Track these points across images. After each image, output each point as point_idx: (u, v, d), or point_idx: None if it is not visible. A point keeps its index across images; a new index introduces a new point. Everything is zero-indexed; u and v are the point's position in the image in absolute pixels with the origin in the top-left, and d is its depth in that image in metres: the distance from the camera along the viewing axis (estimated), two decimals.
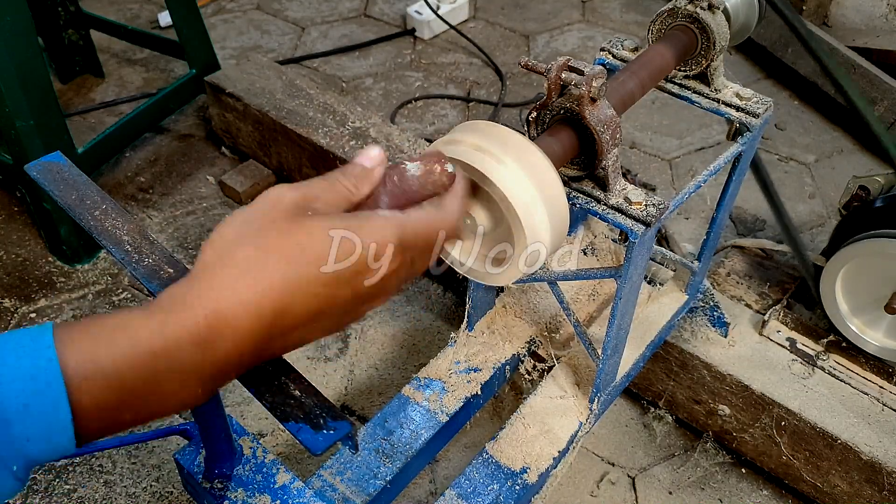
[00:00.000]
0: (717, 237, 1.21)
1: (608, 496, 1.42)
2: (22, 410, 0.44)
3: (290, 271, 0.52)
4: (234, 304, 0.50)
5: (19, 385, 0.44)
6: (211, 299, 0.50)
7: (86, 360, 0.46)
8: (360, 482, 1.07)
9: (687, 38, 0.99)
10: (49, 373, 0.45)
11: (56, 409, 0.45)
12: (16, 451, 0.45)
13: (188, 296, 0.50)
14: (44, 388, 0.45)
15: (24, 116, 1.56)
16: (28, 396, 0.44)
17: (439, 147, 0.76)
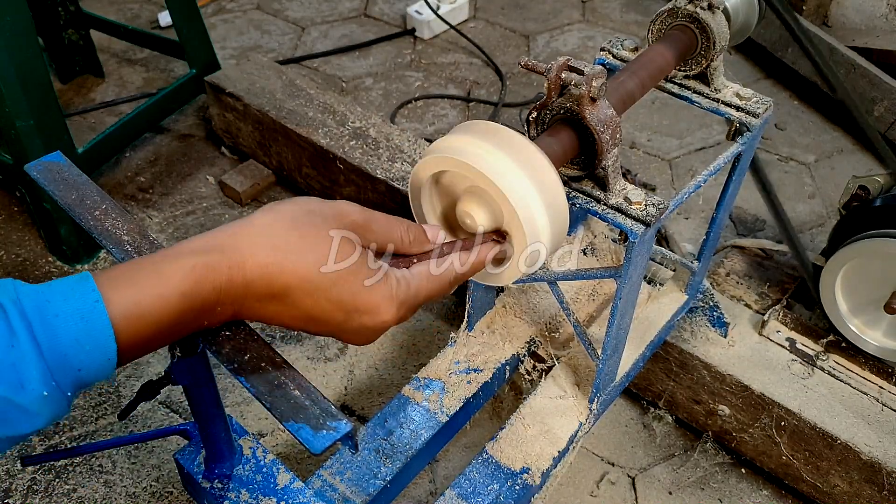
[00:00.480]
0: (716, 237, 1.21)
1: (608, 496, 1.42)
2: (75, 345, 0.53)
3: (312, 269, 0.60)
4: (255, 266, 0.59)
5: (72, 324, 0.53)
6: (240, 254, 0.59)
7: (128, 302, 0.55)
8: (360, 482, 1.07)
9: (687, 38, 0.99)
10: (96, 313, 0.53)
11: (105, 345, 0.54)
12: (70, 379, 0.53)
13: (222, 243, 0.59)
14: (93, 326, 0.53)
15: (24, 116, 1.56)
16: (80, 333, 0.53)
17: (439, 147, 0.76)
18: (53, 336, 0.52)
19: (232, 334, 0.69)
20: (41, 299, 0.53)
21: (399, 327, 1.68)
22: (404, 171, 1.70)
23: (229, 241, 0.60)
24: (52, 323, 0.52)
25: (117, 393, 1.55)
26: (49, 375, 0.52)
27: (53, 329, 0.52)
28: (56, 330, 0.52)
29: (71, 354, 0.53)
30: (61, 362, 0.52)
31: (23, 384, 0.51)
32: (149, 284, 0.56)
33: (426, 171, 0.77)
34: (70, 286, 0.54)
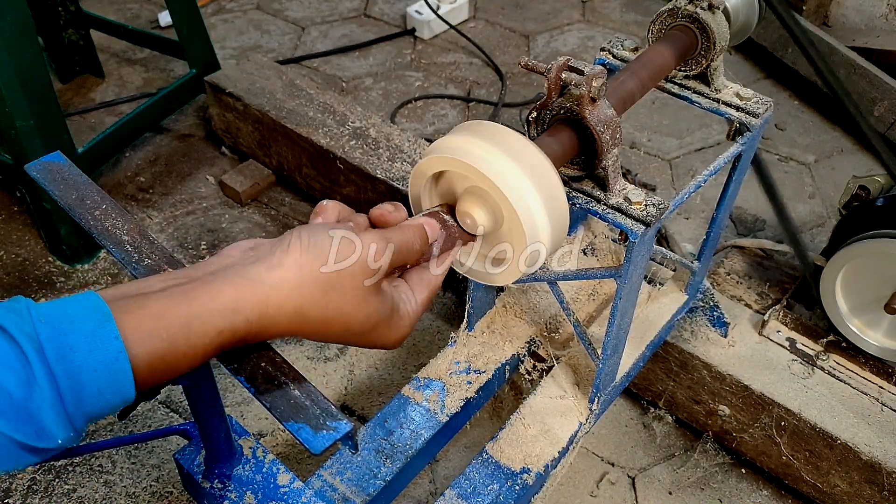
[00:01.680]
0: (717, 237, 1.21)
1: (608, 496, 1.42)
2: (97, 395, 0.52)
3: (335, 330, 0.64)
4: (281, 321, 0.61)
5: (95, 376, 0.52)
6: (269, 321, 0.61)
7: (152, 357, 0.55)
8: (360, 482, 1.07)
9: (687, 38, 0.99)
10: (119, 365, 0.52)
11: (125, 392, 0.54)
12: (85, 422, 0.53)
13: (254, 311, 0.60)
14: (117, 379, 0.53)
15: (24, 116, 1.56)
16: (103, 385, 0.52)
17: (439, 146, 0.76)
18: (76, 387, 0.51)
19: None
20: (63, 344, 0.51)
21: None
22: (404, 171, 1.70)
23: (258, 308, 0.60)
24: (76, 374, 0.51)
25: None
26: (68, 424, 0.52)
27: (77, 380, 0.51)
28: (80, 381, 0.51)
29: (91, 403, 0.52)
30: (81, 410, 0.52)
31: (40, 433, 0.50)
32: (175, 342, 0.56)
33: (426, 171, 0.77)
34: (93, 331, 0.52)
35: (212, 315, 0.57)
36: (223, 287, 0.59)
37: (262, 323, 0.60)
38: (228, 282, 0.59)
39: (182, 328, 0.56)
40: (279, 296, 0.60)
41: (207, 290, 0.58)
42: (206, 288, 0.58)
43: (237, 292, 0.59)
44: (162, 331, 0.55)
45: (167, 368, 0.56)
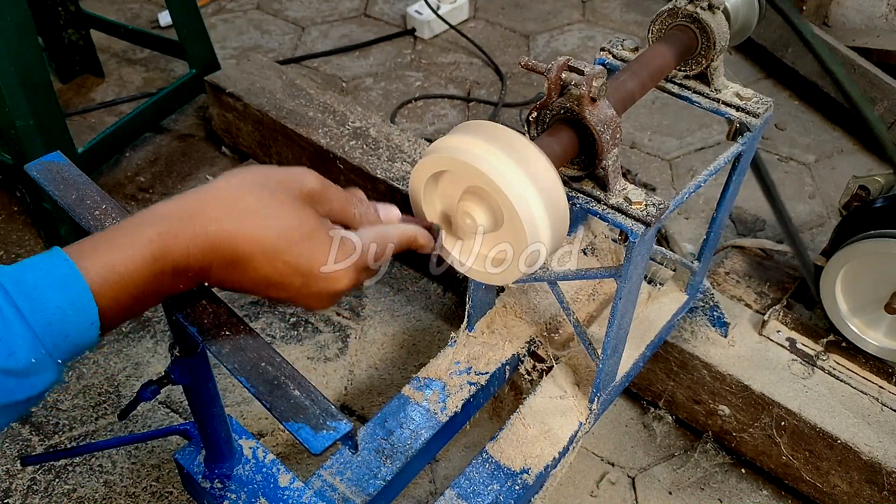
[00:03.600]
0: (717, 237, 1.21)
1: (608, 496, 1.42)
2: (58, 312, 0.55)
3: (269, 234, 0.63)
4: (218, 232, 0.62)
5: (52, 292, 0.55)
6: (204, 219, 0.62)
7: (102, 266, 0.58)
8: (359, 482, 1.07)
9: (687, 38, 0.99)
10: (73, 279, 0.56)
11: (86, 308, 0.57)
12: (59, 345, 0.56)
13: (189, 209, 0.63)
14: (73, 291, 0.56)
15: (24, 116, 1.56)
16: (61, 300, 0.56)
17: (439, 146, 0.76)
18: (36, 305, 0.55)
19: (232, 334, 0.69)
20: (16, 274, 0.55)
21: (399, 327, 1.68)
22: (404, 171, 1.70)
23: (193, 208, 0.63)
24: (32, 294, 0.55)
25: (117, 393, 1.55)
26: (38, 342, 0.54)
27: (34, 299, 0.55)
28: (37, 299, 0.55)
29: (55, 321, 0.55)
30: (47, 330, 0.55)
31: (11, 352, 0.53)
32: (119, 250, 0.59)
33: (426, 171, 0.77)
34: (42, 259, 0.57)
35: (147, 223, 0.61)
36: (159, 205, 0.64)
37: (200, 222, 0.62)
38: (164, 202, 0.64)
39: (123, 239, 0.60)
40: (211, 193, 0.64)
41: (144, 210, 0.64)
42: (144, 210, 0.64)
43: (172, 202, 0.64)
44: (105, 243, 0.59)
45: (122, 281, 0.59)
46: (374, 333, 1.67)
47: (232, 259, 0.63)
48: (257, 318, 1.69)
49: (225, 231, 0.62)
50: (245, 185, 0.65)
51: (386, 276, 1.77)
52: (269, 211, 0.64)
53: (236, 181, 0.65)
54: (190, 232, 0.61)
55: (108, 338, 1.64)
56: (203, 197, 0.64)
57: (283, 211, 0.64)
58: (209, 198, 0.64)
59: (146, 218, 0.62)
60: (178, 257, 0.61)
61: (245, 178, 0.66)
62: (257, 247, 0.63)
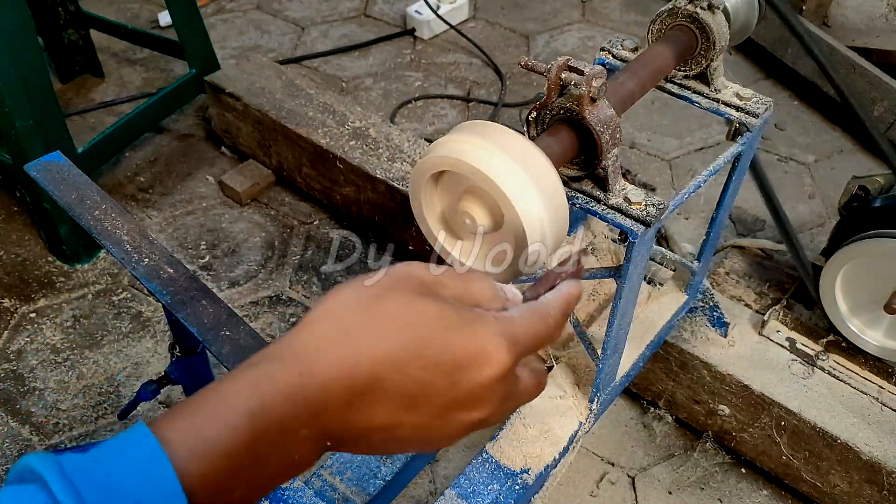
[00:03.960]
0: (716, 237, 1.21)
1: (608, 496, 1.42)
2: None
3: (392, 344, 0.49)
4: (328, 362, 0.48)
5: (129, 482, 0.42)
6: (307, 353, 0.48)
7: (190, 437, 0.44)
8: (360, 482, 1.07)
9: (687, 38, 0.99)
10: (156, 460, 0.43)
11: (172, 494, 0.43)
12: None
13: (283, 350, 0.49)
14: (155, 477, 0.42)
15: (24, 116, 1.56)
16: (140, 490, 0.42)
17: (439, 147, 0.76)
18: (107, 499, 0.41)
19: (232, 334, 0.69)
20: (87, 459, 0.42)
21: None
22: (404, 171, 1.70)
23: (288, 346, 0.49)
24: (104, 485, 0.41)
25: (117, 393, 1.55)
26: None
27: (106, 492, 0.41)
28: (110, 492, 0.41)
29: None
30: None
31: None
32: (210, 411, 0.45)
33: (426, 171, 0.77)
34: (121, 438, 0.44)
35: (240, 371, 0.48)
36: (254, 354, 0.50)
37: (303, 357, 0.48)
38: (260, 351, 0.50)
39: (214, 396, 0.46)
40: (309, 328, 0.50)
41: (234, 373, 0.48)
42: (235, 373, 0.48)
43: (267, 347, 0.50)
44: (193, 407, 0.46)
45: (214, 453, 0.44)
46: None
47: (352, 392, 0.48)
48: (257, 318, 1.69)
49: (334, 359, 0.48)
50: (348, 303, 0.51)
51: None
52: (383, 320, 0.50)
53: (332, 303, 0.51)
54: (293, 373, 0.47)
55: (108, 338, 1.64)
56: (298, 332, 0.50)
57: (400, 310, 0.50)
58: (304, 331, 0.50)
59: (237, 369, 0.48)
60: (282, 409, 0.46)
61: (342, 295, 0.52)
62: (380, 363, 0.48)
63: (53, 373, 1.57)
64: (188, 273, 0.73)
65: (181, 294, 0.72)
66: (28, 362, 1.60)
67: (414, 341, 0.49)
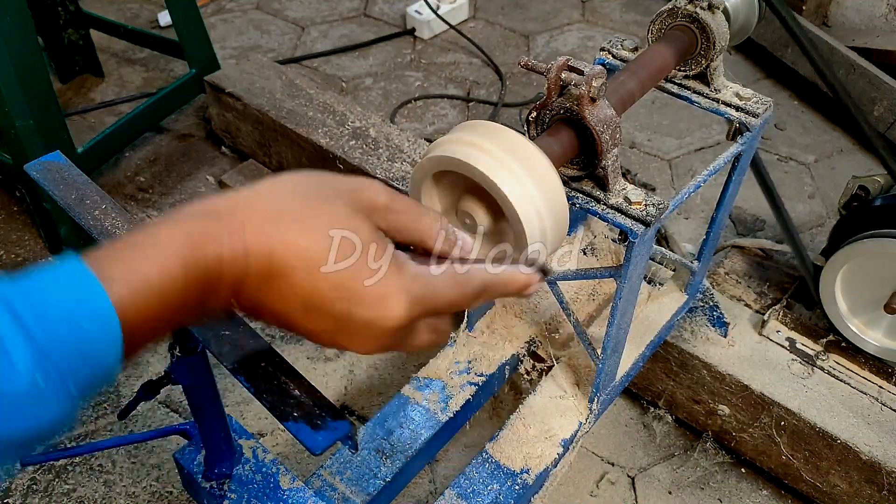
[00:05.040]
0: (716, 237, 1.21)
1: (608, 496, 1.42)
2: (72, 327, 0.45)
3: (313, 246, 0.52)
4: (256, 237, 0.52)
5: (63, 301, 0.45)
6: (242, 222, 0.52)
7: (125, 270, 0.48)
8: (359, 482, 1.07)
9: (687, 38, 0.99)
10: (88, 282, 0.46)
11: (107, 319, 0.46)
12: (72, 368, 0.45)
13: (222, 209, 0.53)
14: (89, 298, 0.46)
15: (24, 116, 1.56)
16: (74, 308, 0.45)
17: (439, 146, 0.76)
18: (40, 313, 0.44)
19: (232, 334, 0.69)
20: (22, 281, 0.45)
21: None
22: (404, 171, 1.70)
23: (228, 207, 0.53)
24: (38, 300, 0.44)
25: (117, 393, 1.55)
26: (43, 357, 0.43)
27: (40, 307, 0.44)
28: (43, 306, 0.44)
29: (66, 336, 0.44)
30: (56, 345, 0.44)
31: (11, 376, 0.42)
32: (147, 253, 0.49)
33: (426, 171, 0.77)
34: (54, 266, 0.47)
35: (177, 221, 0.51)
36: (188, 205, 0.54)
37: (236, 223, 0.51)
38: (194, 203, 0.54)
39: (150, 239, 0.50)
40: (250, 196, 0.54)
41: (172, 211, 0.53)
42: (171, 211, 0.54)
43: (204, 201, 0.54)
44: (130, 246, 0.49)
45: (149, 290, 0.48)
46: None
47: (268, 271, 0.52)
48: None
49: (264, 234, 0.51)
50: (294, 189, 0.55)
51: None
52: (316, 220, 0.53)
53: (283, 184, 0.55)
54: (224, 233, 0.51)
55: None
56: (243, 195, 0.54)
57: (335, 221, 0.53)
58: (245, 197, 0.54)
59: (174, 217, 0.52)
60: (211, 263, 0.50)
61: (295, 181, 0.56)
62: (297, 258, 0.52)
63: None
64: None
65: None
66: None
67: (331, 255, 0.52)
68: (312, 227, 0.53)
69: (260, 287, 0.52)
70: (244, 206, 0.53)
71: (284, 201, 0.54)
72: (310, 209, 0.53)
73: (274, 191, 0.54)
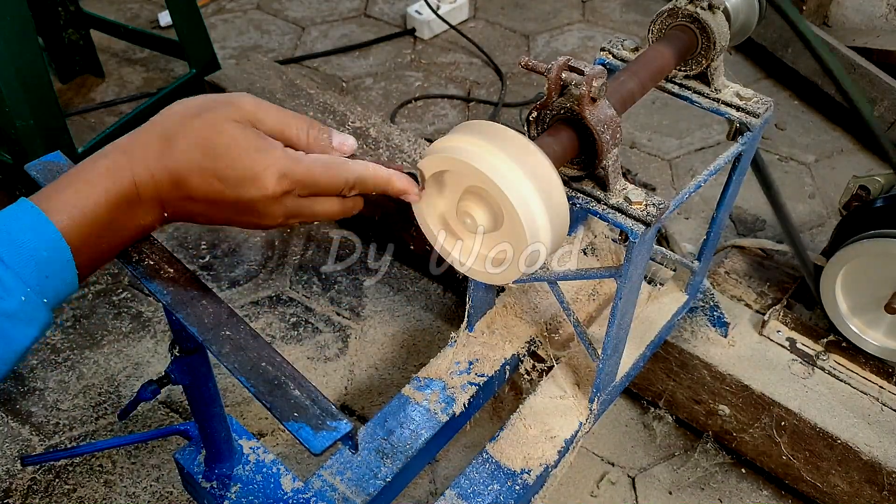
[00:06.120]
0: (717, 237, 1.21)
1: (608, 496, 1.42)
2: (34, 253, 0.61)
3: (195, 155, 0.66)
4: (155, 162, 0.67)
5: (25, 237, 0.61)
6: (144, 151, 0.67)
7: (63, 204, 0.63)
8: (360, 482, 1.07)
9: (687, 38, 0.99)
10: (40, 221, 0.62)
11: (58, 246, 0.62)
12: (42, 285, 0.62)
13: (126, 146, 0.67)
14: (42, 232, 0.62)
15: (24, 116, 1.56)
16: (35, 242, 0.61)
17: (439, 146, 0.76)
18: (12, 249, 0.60)
19: (232, 334, 0.69)
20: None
21: (399, 327, 1.68)
22: None
23: (129, 142, 0.68)
24: (7, 239, 0.60)
25: (117, 393, 1.55)
26: (21, 282, 0.60)
27: (10, 243, 0.60)
28: (12, 243, 0.60)
29: (33, 262, 0.61)
30: (28, 270, 0.61)
31: (4, 296, 0.59)
32: (78, 189, 0.64)
33: (426, 171, 0.77)
34: (11, 208, 0.63)
35: (95, 160, 0.66)
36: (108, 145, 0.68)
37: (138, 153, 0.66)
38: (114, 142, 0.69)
39: (76, 180, 0.65)
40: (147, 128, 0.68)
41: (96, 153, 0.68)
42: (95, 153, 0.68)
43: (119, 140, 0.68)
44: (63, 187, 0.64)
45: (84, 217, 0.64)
46: (374, 333, 1.67)
47: (175, 184, 0.67)
48: (257, 318, 1.69)
49: (162, 155, 0.66)
50: (180, 115, 0.68)
51: (386, 276, 1.77)
52: (197, 133, 0.66)
53: (171, 112, 0.68)
54: (134, 163, 0.66)
55: (108, 338, 1.64)
56: (143, 129, 0.68)
57: (209, 130, 0.67)
58: (144, 130, 0.68)
59: (93, 157, 0.67)
60: (127, 188, 0.65)
61: (179, 108, 0.69)
62: (189, 165, 0.66)
63: (53, 373, 1.57)
64: (188, 273, 0.73)
65: (181, 294, 0.72)
66: (28, 362, 1.60)
67: (211, 157, 0.66)
68: (195, 139, 0.66)
69: (175, 195, 0.67)
70: (141, 137, 0.67)
71: (172, 126, 0.67)
72: (191, 127, 0.67)
73: (163, 119, 0.68)
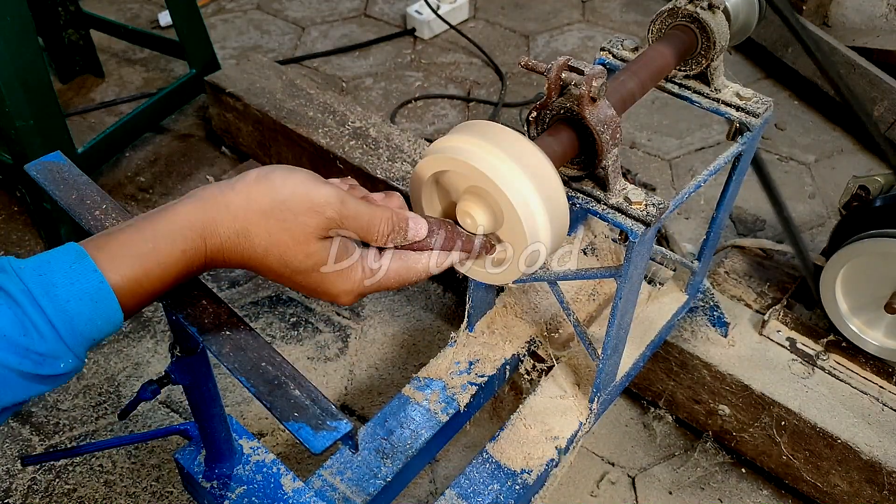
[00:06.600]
0: (717, 237, 1.21)
1: (608, 496, 1.42)
2: (89, 323, 0.60)
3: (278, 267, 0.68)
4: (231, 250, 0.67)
5: (83, 306, 0.59)
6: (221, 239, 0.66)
7: (132, 283, 0.62)
8: (360, 482, 1.07)
9: (687, 37, 0.99)
10: (103, 293, 0.60)
11: (113, 319, 0.61)
12: (84, 348, 0.61)
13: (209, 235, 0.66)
14: (103, 306, 0.60)
15: (24, 116, 1.56)
16: (93, 314, 0.60)
17: (440, 146, 0.76)
18: (67, 317, 0.58)
19: (232, 334, 0.69)
20: (46, 283, 0.58)
21: (399, 327, 1.68)
22: (404, 171, 1.70)
23: (209, 226, 0.66)
24: (64, 306, 0.58)
25: (117, 393, 1.55)
26: (67, 351, 0.59)
27: (65, 310, 0.58)
28: (68, 311, 0.58)
29: (85, 332, 0.60)
30: (77, 340, 0.59)
31: (41, 362, 0.58)
32: (147, 265, 0.63)
33: (426, 171, 0.77)
34: (71, 267, 0.60)
35: (173, 234, 0.64)
36: (181, 208, 0.66)
37: (214, 241, 0.66)
38: (185, 203, 0.67)
39: (151, 251, 0.63)
40: (227, 214, 0.66)
41: (167, 214, 0.66)
42: (167, 212, 0.66)
43: (192, 210, 0.66)
44: (133, 257, 0.62)
45: (146, 290, 0.63)
46: (374, 333, 1.67)
47: (245, 266, 0.68)
48: (257, 318, 1.69)
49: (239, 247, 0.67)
50: (259, 212, 0.66)
51: None
52: (277, 240, 0.66)
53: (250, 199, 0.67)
54: (210, 248, 0.66)
55: (108, 338, 1.64)
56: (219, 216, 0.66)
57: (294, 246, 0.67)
58: (224, 216, 0.66)
59: (170, 229, 0.65)
60: (198, 268, 0.67)
61: (261, 198, 0.67)
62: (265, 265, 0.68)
63: None
64: None
65: (181, 294, 0.72)
66: None
67: (290, 271, 0.68)
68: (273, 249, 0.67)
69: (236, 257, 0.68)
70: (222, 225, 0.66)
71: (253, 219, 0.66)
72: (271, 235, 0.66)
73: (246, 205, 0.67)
